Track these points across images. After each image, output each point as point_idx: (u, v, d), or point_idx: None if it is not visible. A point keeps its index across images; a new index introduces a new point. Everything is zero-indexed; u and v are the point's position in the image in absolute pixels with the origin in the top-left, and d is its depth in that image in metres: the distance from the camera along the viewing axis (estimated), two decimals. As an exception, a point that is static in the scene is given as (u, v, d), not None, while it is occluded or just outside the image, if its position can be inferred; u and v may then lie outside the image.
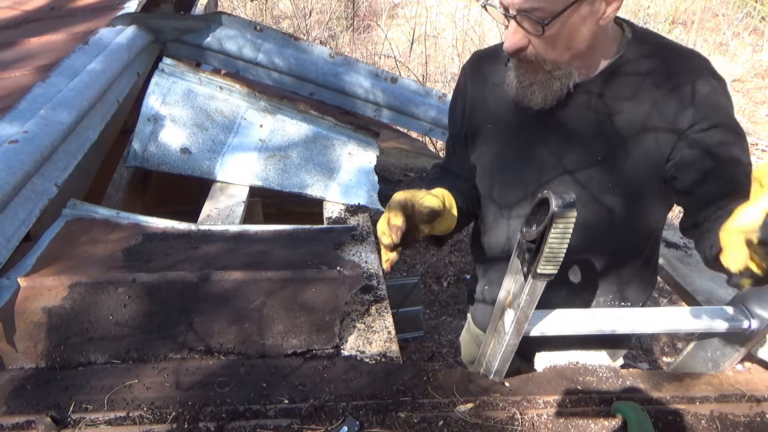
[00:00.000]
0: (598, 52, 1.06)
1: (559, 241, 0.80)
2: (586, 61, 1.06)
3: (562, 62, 1.03)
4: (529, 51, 1.02)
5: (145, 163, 1.87)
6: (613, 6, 0.98)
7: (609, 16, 0.99)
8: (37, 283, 1.18)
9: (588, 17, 0.98)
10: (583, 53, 1.03)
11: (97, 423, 0.94)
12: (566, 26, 0.97)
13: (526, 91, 1.07)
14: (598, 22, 0.99)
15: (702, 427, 0.98)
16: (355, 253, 1.47)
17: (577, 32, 0.99)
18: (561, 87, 1.05)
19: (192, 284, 1.22)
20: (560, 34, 0.98)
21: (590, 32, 1.00)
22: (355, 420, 0.95)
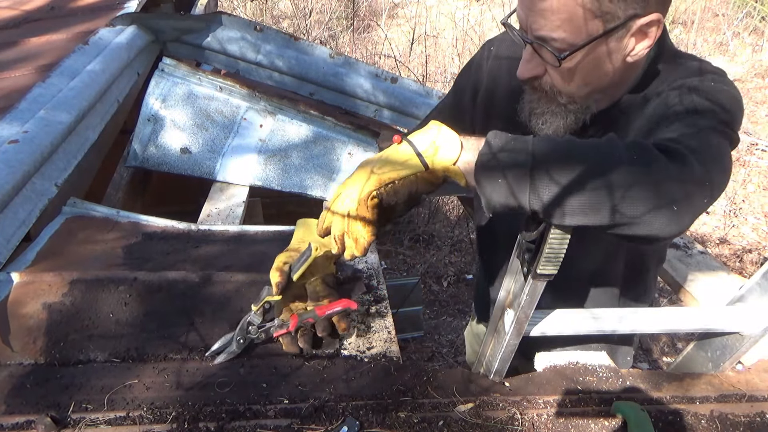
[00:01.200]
0: (624, 87, 0.97)
1: (559, 241, 0.80)
2: (607, 95, 0.97)
3: (579, 97, 0.94)
4: (544, 80, 0.94)
5: (145, 163, 1.87)
6: (644, 44, 0.88)
7: (638, 54, 0.89)
8: (37, 278, 1.18)
9: (614, 53, 0.88)
10: (604, 89, 0.94)
11: (97, 423, 0.94)
12: (587, 60, 0.88)
13: (538, 119, 0.98)
14: (625, 59, 0.89)
15: (702, 427, 0.98)
16: (355, 253, 1.47)
17: (599, 68, 0.89)
18: (576, 121, 0.97)
19: (193, 284, 1.22)
20: (580, 67, 0.89)
21: (615, 69, 0.90)
22: (355, 420, 0.95)
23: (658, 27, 0.85)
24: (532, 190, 0.73)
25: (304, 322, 1.08)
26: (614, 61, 0.89)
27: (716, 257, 2.46)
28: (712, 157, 0.78)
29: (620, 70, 0.91)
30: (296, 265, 1.07)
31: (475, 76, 1.16)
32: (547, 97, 0.95)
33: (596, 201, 0.71)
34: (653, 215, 0.72)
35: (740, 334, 1.08)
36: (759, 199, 4.91)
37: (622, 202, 0.71)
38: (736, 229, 4.50)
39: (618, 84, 0.95)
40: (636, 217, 0.72)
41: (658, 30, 0.85)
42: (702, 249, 1.72)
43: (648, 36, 0.86)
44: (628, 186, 0.71)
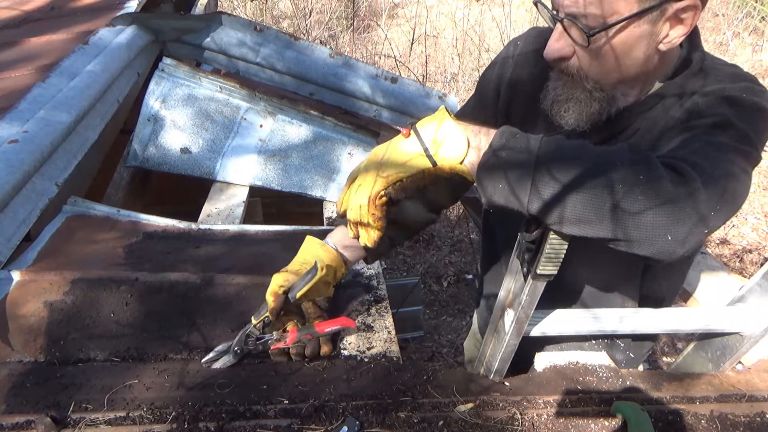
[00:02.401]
0: (653, 81, 0.92)
1: (560, 241, 0.80)
2: (635, 88, 0.93)
3: (607, 84, 0.90)
4: (572, 62, 0.89)
5: (145, 163, 1.87)
6: (679, 31, 0.83)
7: (672, 42, 0.84)
8: (38, 277, 1.18)
9: (646, 38, 0.84)
10: (633, 78, 0.90)
11: (97, 423, 0.94)
12: (618, 42, 0.84)
13: (560, 107, 0.94)
14: (658, 46, 0.85)
15: (702, 427, 0.98)
16: (355, 253, 1.47)
17: (630, 52, 0.85)
18: (600, 111, 0.92)
19: (194, 286, 1.22)
20: (610, 50, 0.85)
21: (646, 56, 0.86)
22: (355, 420, 0.95)
23: (695, 15, 0.81)
24: (533, 192, 0.73)
25: (303, 337, 1.08)
26: (647, 47, 0.84)
27: (716, 257, 2.46)
28: (723, 186, 0.75)
29: (651, 59, 0.87)
30: (299, 285, 1.07)
31: (500, 71, 1.13)
32: (573, 82, 0.91)
33: (592, 214, 0.71)
34: (649, 239, 0.71)
35: (740, 334, 1.08)
36: (759, 199, 4.92)
37: (618, 219, 0.71)
38: (736, 229, 4.50)
39: (648, 76, 0.91)
40: (631, 238, 0.71)
41: (694, 18, 0.82)
42: (702, 249, 1.72)
43: (683, 23, 0.82)
44: (626, 204, 0.70)
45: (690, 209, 0.72)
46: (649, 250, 0.72)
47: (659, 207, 0.70)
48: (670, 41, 0.84)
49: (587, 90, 0.90)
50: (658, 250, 0.72)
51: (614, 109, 0.92)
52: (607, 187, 0.70)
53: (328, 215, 1.85)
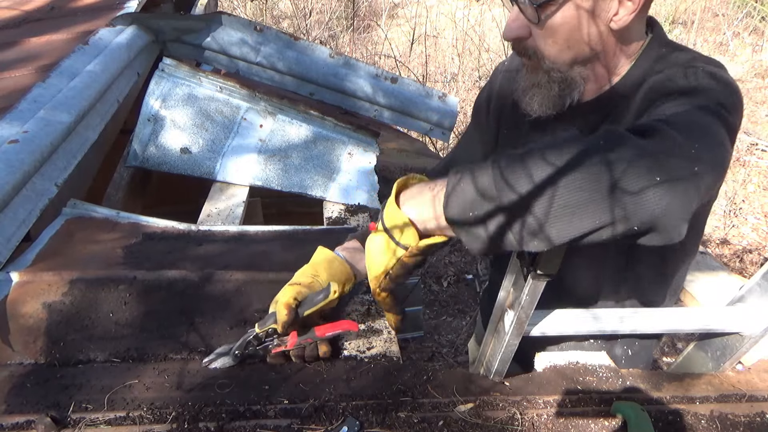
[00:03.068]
0: (612, 64, 0.94)
1: (559, 241, 0.80)
2: (594, 72, 0.94)
3: (562, 63, 0.92)
4: (529, 43, 0.93)
5: (145, 163, 1.87)
6: (629, 8, 0.85)
7: (622, 20, 0.86)
8: (37, 278, 1.17)
9: (594, 14, 0.86)
10: (588, 59, 0.92)
11: (97, 423, 0.94)
12: (567, 19, 0.87)
13: (526, 94, 0.98)
14: (609, 24, 0.87)
15: (702, 427, 0.98)
16: (355, 253, 1.47)
17: (581, 29, 0.87)
18: (560, 94, 0.94)
19: (193, 284, 1.22)
20: (560, 26, 0.87)
21: (597, 33, 0.88)
22: (355, 420, 0.95)
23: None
24: (516, 232, 0.68)
25: (304, 341, 1.07)
26: (597, 24, 0.87)
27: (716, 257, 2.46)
28: (700, 130, 0.70)
29: (605, 38, 0.88)
30: (310, 303, 1.04)
31: (490, 87, 1.18)
32: (533, 66, 0.94)
33: (572, 207, 0.64)
34: (639, 203, 0.63)
35: (740, 334, 1.08)
36: (759, 199, 4.92)
37: (600, 199, 0.63)
38: (736, 229, 4.50)
39: (604, 56, 0.92)
40: (623, 214, 0.63)
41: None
42: (702, 249, 1.72)
43: (632, 0, 0.84)
44: (600, 180, 0.63)
45: (673, 156, 0.65)
46: (648, 216, 0.64)
47: (633, 165, 0.63)
48: (620, 19, 0.86)
49: (545, 71, 0.93)
50: (656, 211, 0.63)
51: (576, 92, 0.94)
52: (573, 174, 0.64)
53: (328, 215, 1.85)
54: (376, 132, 2.12)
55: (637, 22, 0.89)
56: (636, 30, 0.91)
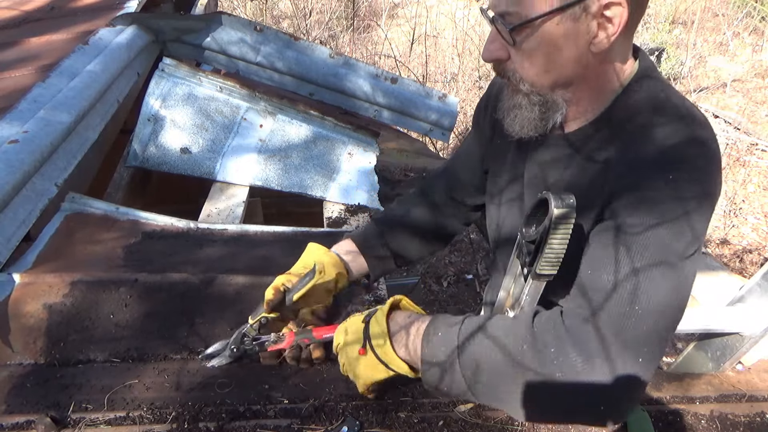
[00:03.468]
0: (596, 89, 0.90)
1: (559, 242, 0.80)
2: (578, 95, 0.90)
3: (542, 86, 0.88)
4: (508, 65, 0.90)
5: (145, 163, 1.87)
6: (608, 32, 0.81)
7: (602, 43, 0.82)
8: (38, 279, 1.17)
9: (572, 36, 0.82)
10: (569, 82, 0.88)
11: (97, 423, 0.94)
12: (545, 41, 0.83)
13: (508, 115, 0.95)
14: (589, 48, 0.83)
15: (702, 427, 0.98)
16: (355, 253, 1.47)
17: (559, 52, 0.84)
18: (541, 117, 0.91)
19: (194, 287, 1.22)
20: (538, 49, 0.84)
21: (576, 57, 0.84)
22: (355, 420, 0.95)
23: (622, 13, 0.80)
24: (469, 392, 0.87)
25: (301, 341, 1.07)
26: (575, 47, 0.83)
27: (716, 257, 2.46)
28: (638, 349, 0.77)
29: (585, 61, 0.85)
30: (297, 287, 1.06)
31: (487, 97, 1.17)
32: (513, 87, 0.92)
33: (500, 401, 0.84)
34: (568, 415, 0.83)
35: (740, 334, 1.09)
36: (759, 199, 4.92)
37: (522, 404, 0.81)
38: (736, 230, 4.50)
39: (587, 82, 0.89)
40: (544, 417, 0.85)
41: (622, 17, 0.80)
42: (702, 249, 1.72)
43: (611, 22, 0.80)
44: (525, 388, 0.80)
45: (607, 395, 0.77)
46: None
47: (558, 396, 0.79)
48: (599, 42, 0.82)
49: (525, 94, 0.90)
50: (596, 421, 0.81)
51: (559, 114, 0.91)
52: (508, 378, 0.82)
53: (328, 215, 1.85)
54: (376, 132, 2.12)
55: (619, 44, 0.85)
56: (620, 53, 0.87)
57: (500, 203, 1.10)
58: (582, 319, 0.79)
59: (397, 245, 1.23)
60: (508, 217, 1.09)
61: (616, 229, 0.82)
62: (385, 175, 2.35)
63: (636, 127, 0.87)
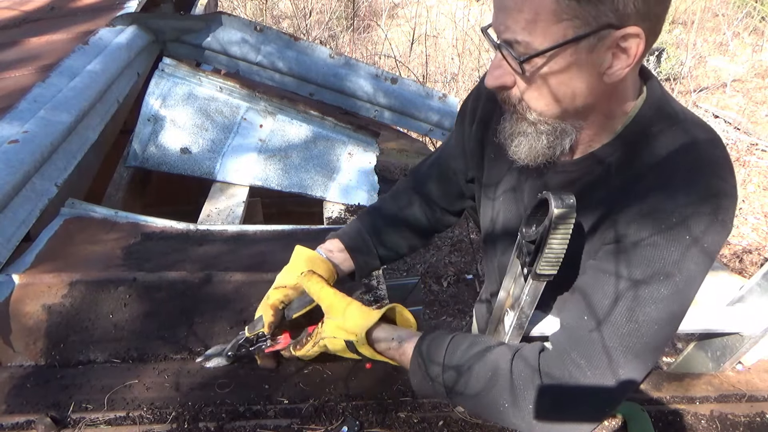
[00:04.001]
0: (605, 119, 0.86)
1: (559, 242, 0.80)
2: (587, 124, 0.87)
3: (550, 116, 0.84)
4: (513, 92, 0.85)
5: (145, 163, 1.87)
6: (624, 62, 0.77)
7: (616, 74, 0.78)
8: (37, 280, 1.17)
9: (585, 67, 0.78)
10: (581, 113, 0.84)
11: (97, 423, 0.94)
12: (556, 71, 0.79)
13: (512, 141, 0.90)
14: (602, 78, 0.79)
15: (702, 427, 0.98)
16: (355, 253, 1.47)
17: (570, 82, 0.80)
18: (550, 145, 0.87)
19: (193, 285, 1.22)
20: (547, 78, 0.80)
21: (588, 87, 0.80)
22: (355, 420, 0.95)
23: (639, 44, 0.76)
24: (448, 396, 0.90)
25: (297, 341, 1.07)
26: (588, 77, 0.79)
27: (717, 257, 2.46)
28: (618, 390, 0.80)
29: (597, 91, 0.81)
30: (294, 307, 1.05)
31: (473, 105, 1.12)
32: (518, 115, 0.87)
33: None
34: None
35: (740, 334, 1.09)
36: (759, 199, 4.92)
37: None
38: (736, 230, 4.50)
39: (601, 110, 0.86)
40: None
41: (638, 48, 0.76)
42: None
43: (627, 53, 0.76)
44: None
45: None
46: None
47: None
48: (614, 73, 0.78)
49: (532, 123, 0.86)
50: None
51: (568, 141, 0.87)
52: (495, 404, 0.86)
53: (328, 215, 1.85)
54: (376, 132, 2.12)
55: (631, 75, 0.82)
56: (631, 83, 0.84)
57: (495, 224, 1.09)
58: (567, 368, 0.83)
59: (390, 244, 1.22)
60: (502, 237, 1.09)
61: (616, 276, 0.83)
62: (385, 175, 2.35)
63: (649, 153, 0.85)
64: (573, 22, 0.74)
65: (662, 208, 0.80)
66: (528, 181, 1.00)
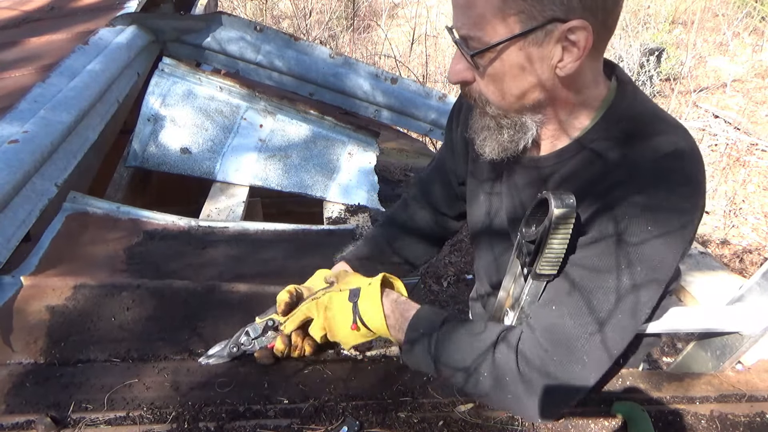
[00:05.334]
0: (567, 113, 0.88)
1: (559, 242, 0.80)
2: (548, 118, 0.88)
3: (509, 110, 0.86)
4: (474, 87, 0.87)
5: (145, 163, 1.87)
6: (575, 55, 0.78)
7: (568, 67, 0.79)
8: (42, 282, 1.18)
9: (536, 61, 0.79)
10: (538, 107, 0.86)
11: (97, 423, 0.94)
12: (508, 65, 0.80)
13: (478, 137, 0.93)
14: (554, 71, 0.80)
15: (702, 427, 0.98)
16: (355, 253, 1.47)
17: (524, 76, 0.81)
18: (512, 139, 0.89)
19: (196, 294, 1.22)
20: (502, 73, 0.82)
21: (542, 81, 0.81)
22: (355, 420, 0.95)
23: (587, 38, 0.76)
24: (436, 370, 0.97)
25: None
26: (540, 71, 0.80)
27: (716, 257, 2.46)
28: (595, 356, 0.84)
29: (552, 85, 0.83)
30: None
31: (457, 114, 1.14)
32: (481, 110, 0.90)
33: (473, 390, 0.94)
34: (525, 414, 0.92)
35: (740, 333, 1.09)
36: (759, 199, 4.92)
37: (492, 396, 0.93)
38: (736, 230, 4.50)
39: (558, 105, 0.87)
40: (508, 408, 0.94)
41: (587, 40, 0.77)
42: (702, 249, 1.72)
43: (576, 45, 0.77)
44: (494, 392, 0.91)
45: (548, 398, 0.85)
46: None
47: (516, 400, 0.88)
48: (565, 66, 0.80)
49: (492, 117, 0.88)
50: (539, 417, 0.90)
51: (529, 135, 0.89)
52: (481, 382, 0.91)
53: (328, 215, 1.85)
54: (376, 132, 2.12)
55: (588, 66, 0.83)
56: (589, 76, 0.85)
57: (478, 223, 1.11)
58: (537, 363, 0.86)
59: (406, 253, 1.24)
60: (484, 234, 1.10)
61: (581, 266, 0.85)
62: (385, 175, 2.35)
63: (615, 152, 0.85)
64: (519, 17, 0.76)
65: (627, 203, 0.81)
66: (504, 180, 1.02)
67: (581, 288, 0.83)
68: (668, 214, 0.80)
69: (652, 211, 0.80)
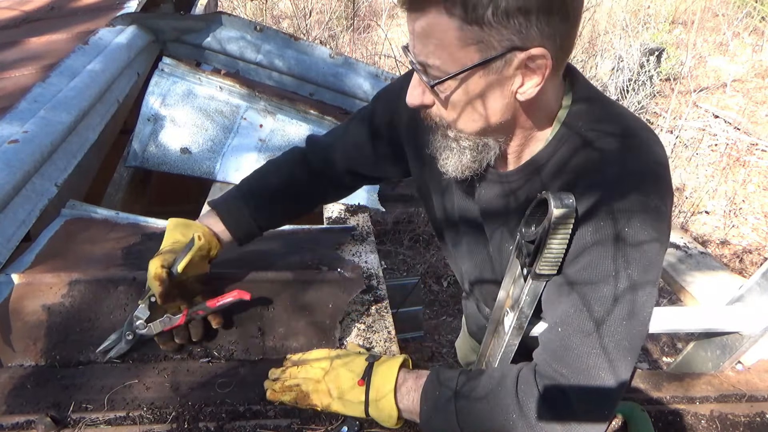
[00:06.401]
0: (527, 133, 0.88)
1: (559, 242, 0.80)
2: (510, 138, 0.89)
3: (470, 133, 0.86)
4: (434, 111, 0.86)
5: (145, 163, 1.87)
6: (533, 82, 0.78)
7: (528, 92, 0.79)
8: (36, 279, 1.17)
9: (497, 88, 0.79)
10: (501, 129, 0.86)
11: (97, 423, 0.94)
12: (469, 92, 0.80)
13: (440, 155, 0.91)
14: (515, 96, 0.80)
15: (702, 427, 0.98)
16: (355, 253, 1.47)
17: (484, 103, 0.81)
18: (475, 159, 0.89)
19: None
20: (463, 100, 0.81)
21: (503, 106, 0.82)
22: (355, 420, 0.95)
23: (546, 64, 0.77)
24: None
25: (194, 314, 1.06)
26: (501, 97, 0.81)
27: (716, 257, 2.46)
28: (597, 397, 0.81)
29: (513, 110, 0.83)
30: (180, 258, 1.04)
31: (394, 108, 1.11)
32: (441, 131, 0.89)
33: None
34: None
35: (740, 333, 1.09)
36: (759, 199, 4.92)
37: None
38: (736, 230, 4.50)
39: (519, 127, 0.87)
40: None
41: (546, 68, 0.77)
42: (702, 249, 1.72)
43: (536, 73, 0.77)
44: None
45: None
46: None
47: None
48: (525, 92, 0.80)
49: (454, 139, 0.88)
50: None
51: (492, 154, 0.89)
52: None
53: (328, 215, 1.85)
54: (376, 132, 2.11)
55: (549, 88, 0.83)
56: (550, 95, 0.85)
57: (453, 221, 1.10)
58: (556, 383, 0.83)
59: (266, 221, 1.23)
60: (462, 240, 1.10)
61: (569, 283, 0.83)
62: (385, 175, 2.35)
63: (578, 158, 0.85)
64: (478, 46, 0.76)
65: (597, 211, 0.80)
66: (475, 189, 1.00)
67: (582, 302, 0.82)
68: (643, 214, 0.80)
69: (625, 213, 0.80)
